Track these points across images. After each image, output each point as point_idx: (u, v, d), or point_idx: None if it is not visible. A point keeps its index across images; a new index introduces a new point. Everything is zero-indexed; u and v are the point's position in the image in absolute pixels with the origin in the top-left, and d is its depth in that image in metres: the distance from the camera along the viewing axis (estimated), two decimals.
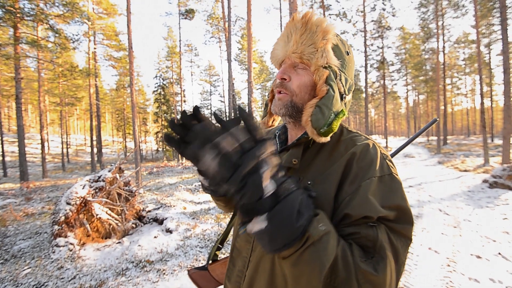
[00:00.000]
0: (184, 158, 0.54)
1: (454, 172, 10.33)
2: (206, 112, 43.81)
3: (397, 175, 0.66)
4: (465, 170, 10.46)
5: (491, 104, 25.52)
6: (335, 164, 0.67)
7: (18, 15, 10.45)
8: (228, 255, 1.01)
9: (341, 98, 0.75)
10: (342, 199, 0.62)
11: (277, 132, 0.89)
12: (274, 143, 0.83)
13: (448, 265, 3.22)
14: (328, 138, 0.69)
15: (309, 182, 0.67)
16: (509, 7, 12.12)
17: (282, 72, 0.74)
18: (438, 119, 1.10)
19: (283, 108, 0.74)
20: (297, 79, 0.73)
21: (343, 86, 0.74)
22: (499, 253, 3.49)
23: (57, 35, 11.77)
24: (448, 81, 32.29)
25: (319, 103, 0.69)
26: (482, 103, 12.31)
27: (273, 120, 0.93)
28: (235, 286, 0.76)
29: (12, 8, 10.16)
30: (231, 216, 0.98)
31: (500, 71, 31.65)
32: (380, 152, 0.69)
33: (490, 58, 25.65)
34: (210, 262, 1.00)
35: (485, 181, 7.54)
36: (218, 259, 1.01)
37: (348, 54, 0.78)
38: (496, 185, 7.03)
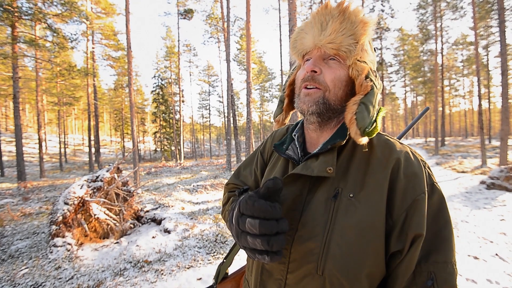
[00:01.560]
0: (182, 159, 0.55)
1: (451, 173, 10.36)
2: (204, 112, 43.88)
3: (436, 183, 0.62)
4: (463, 172, 10.49)
5: (489, 105, 25.57)
6: (377, 173, 0.61)
7: (16, 14, 10.40)
8: (237, 269, 0.95)
9: None
10: (398, 216, 0.58)
11: (294, 134, 0.81)
12: (293, 148, 0.77)
13: None
14: (367, 139, 0.63)
15: (351, 195, 0.61)
16: (507, 9, 12.20)
17: (313, 64, 0.66)
18: (429, 107, 1.09)
19: (313, 105, 0.67)
20: (331, 73, 0.66)
21: (378, 82, 0.69)
22: (496, 254, 3.50)
23: (55, 34, 11.72)
24: (446, 82, 32.46)
25: (363, 99, 0.63)
26: (480, 105, 12.37)
27: (286, 118, 0.85)
28: None
29: (10, 7, 10.12)
30: None
31: (498, 73, 31.79)
32: (420, 159, 0.64)
33: (488, 60, 25.76)
34: (220, 280, 0.92)
35: (482, 182, 7.56)
36: (228, 275, 0.94)
37: (375, 51, 0.73)
38: (494, 187, 7.06)
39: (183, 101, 31.20)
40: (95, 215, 4.10)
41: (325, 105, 0.67)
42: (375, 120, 0.63)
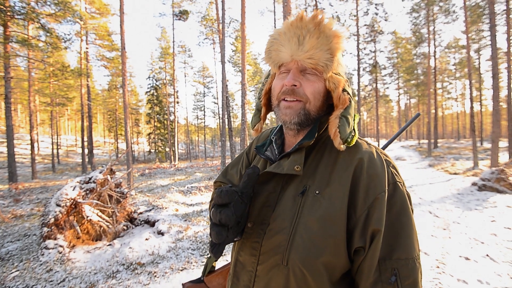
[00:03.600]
0: (177, 160, 0.60)
1: (444, 175, 10.47)
2: (199, 113, 43.80)
3: (400, 183, 0.65)
4: (455, 173, 10.62)
5: (481, 108, 25.93)
6: (342, 171, 0.65)
7: (8, 13, 10.28)
8: (224, 263, 0.99)
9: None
10: (360, 213, 0.61)
11: (272, 137, 0.84)
12: (272, 149, 0.82)
13: (438, 267, 3.26)
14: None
15: (317, 192, 0.65)
16: (498, 13, 12.40)
17: (293, 78, 0.68)
18: (420, 113, 1.10)
19: (296, 117, 0.70)
20: (310, 86, 0.69)
21: (351, 90, 0.73)
22: (487, 255, 3.55)
23: (48, 34, 11.61)
24: (439, 85, 32.79)
25: (344, 113, 0.68)
26: (471, 107, 12.53)
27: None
28: None
29: (2, 6, 10.00)
30: None
31: (489, 76, 32.25)
32: (384, 159, 0.67)
33: (479, 63, 26.13)
34: (206, 273, 0.96)
35: (474, 184, 7.66)
36: (215, 269, 0.97)
37: (343, 55, 0.75)
38: (485, 188, 7.15)
39: (177, 102, 31.07)
40: (87, 217, 4.06)
41: (306, 116, 0.71)
42: (354, 129, 0.69)
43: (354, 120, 0.71)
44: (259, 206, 0.71)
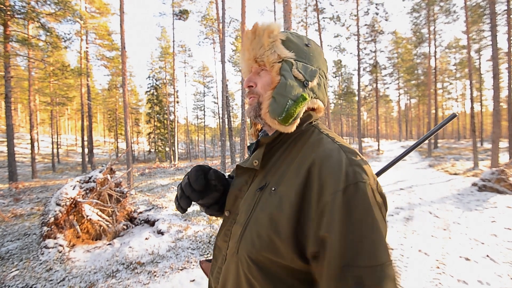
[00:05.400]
0: (177, 160, 0.70)
1: (444, 175, 10.47)
2: (199, 113, 43.81)
3: (364, 182, 0.57)
4: (455, 174, 10.61)
5: (481, 108, 25.95)
6: (297, 170, 0.64)
7: (8, 12, 10.29)
8: None
9: (304, 85, 0.72)
10: (313, 217, 0.57)
11: (259, 134, 0.91)
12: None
13: (438, 267, 3.26)
14: (293, 127, 0.69)
15: (273, 189, 0.66)
16: (499, 14, 12.39)
17: (247, 81, 0.78)
18: (457, 114, 1.02)
19: (252, 111, 0.77)
20: (260, 81, 0.76)
21: (301, 73, 0.72)
22: (487, 256, 3.54)
23: (48, 33, 11.63)
24: (439, 85, 32.81)
25: (273, 93, 0.71)
26: (472, 108, 12.53)
27: (257, 130, 0.91)
28: (215, 281, 0.78)
29: (2, 6, 10.01)
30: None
31: (489, 76, 32.30)
32: (346, 157, 0.61)
33: (480, 64, 26.13)
34: None
35: (474, 184, 7.65)
36: None
37: (308, 46, 0.78)
38: (485, 188, 7.14)
39: (177, 102, 31.08)
40: (87, 216, 4.06)
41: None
42: (289, 108, 0.68)
43: (297, 100, 0.69)
44: (233, 197, 0.79)
